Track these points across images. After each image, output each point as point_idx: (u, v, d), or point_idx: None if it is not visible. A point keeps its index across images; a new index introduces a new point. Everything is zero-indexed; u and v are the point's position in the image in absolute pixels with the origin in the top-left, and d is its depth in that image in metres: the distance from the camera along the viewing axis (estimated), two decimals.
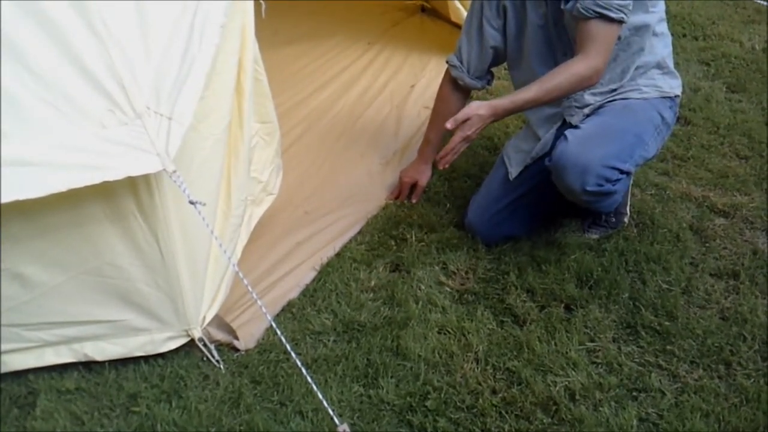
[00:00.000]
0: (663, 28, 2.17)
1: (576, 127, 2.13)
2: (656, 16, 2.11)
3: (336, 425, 1.44)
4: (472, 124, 2.05)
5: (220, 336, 1.93)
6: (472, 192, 2.42)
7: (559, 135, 2.14)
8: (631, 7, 1.97)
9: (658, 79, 2.19)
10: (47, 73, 1.48)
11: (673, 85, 2.22)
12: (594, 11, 1.94)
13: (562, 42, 2.14)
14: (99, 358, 1.81)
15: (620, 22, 1.97)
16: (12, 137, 1.45)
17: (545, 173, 2.11)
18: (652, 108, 2.16)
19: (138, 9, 1.58)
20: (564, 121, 2.21)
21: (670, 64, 2.22)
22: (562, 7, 2.03)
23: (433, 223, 2.35)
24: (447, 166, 2.18)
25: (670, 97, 2.20)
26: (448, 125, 2.07)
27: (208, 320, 1.85)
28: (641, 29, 2.08)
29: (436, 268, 2.19)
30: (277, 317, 1.99)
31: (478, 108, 2.05)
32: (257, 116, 2.00)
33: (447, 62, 2.41)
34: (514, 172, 2.28)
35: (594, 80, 2.03)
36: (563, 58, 2.10)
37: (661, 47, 2.17)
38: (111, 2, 1.54)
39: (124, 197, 1.59)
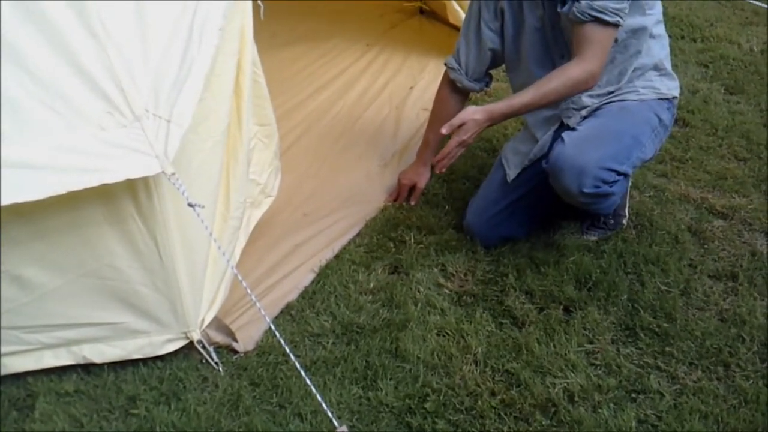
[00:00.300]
0: (660, 30, 2.17)
1: (573, 129, 2.13)
2: (653, 18, 2.11)
3: (335, 427, 1.44)
4: (467, 128, 2.05)
5: (219, 338, 1.93)
6: (471, 194, 2.42)
7: (557, 137, 2.14)
8: (626, 10, 1.97)
9: (656, 80, 2.19)
10: (45, 75, 1.48)
11: (671, 87, 2.22)
12: (590, 15, 1.94)
13: (559, 44, 2.14)
14: (98, 360, 1.81)
15: (616, 25, 1.97)
16: (11, 139, 1.45)
17: (543, 175, 2.11)
18: (650, 109, 2.16)
19: (137, 10, 1.58)
20: (562, 123, 2.21)
21: (668, 65, 2.23)
22: (558, 10, 2.03)
23: (432, 225, 2.35)
24: (443, 170, 2.18)
25: (667, 99, 2.20)
26: (444, 130, 2.06)
27: (206, 322, 1.85)
28: (638, 31, 2.09)
29: (435, 270, 2.19)
30: (275, 319, 1.99)
31: (473, 113, 2.05)
32: (256, 118, 2.00)
33: (445, 64, 2.41)
34: (512, 174, 2.28)
35: (590, 84, 2.03)
36: (561, 60, 2.11)
37: (658, 49, 2.18)
38: (110, 3, 1.54)
39: (123, 200, 1.59)
